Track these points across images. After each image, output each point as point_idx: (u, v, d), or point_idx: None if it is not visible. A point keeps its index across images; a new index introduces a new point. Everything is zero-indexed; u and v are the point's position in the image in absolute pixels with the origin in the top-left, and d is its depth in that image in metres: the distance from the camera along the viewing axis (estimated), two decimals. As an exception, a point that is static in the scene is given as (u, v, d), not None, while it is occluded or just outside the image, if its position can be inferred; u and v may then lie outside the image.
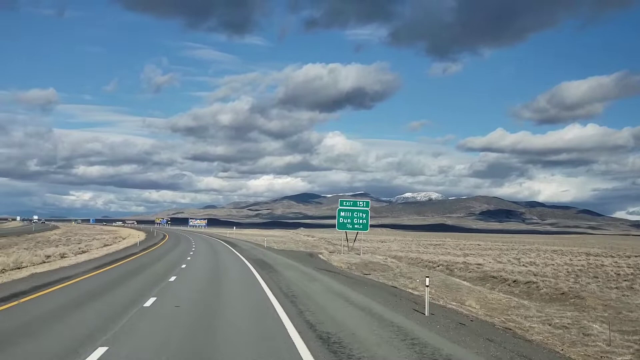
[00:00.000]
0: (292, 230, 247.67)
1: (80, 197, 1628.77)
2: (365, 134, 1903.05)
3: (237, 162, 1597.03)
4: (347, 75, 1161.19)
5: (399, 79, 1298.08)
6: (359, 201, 55.69)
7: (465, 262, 48.87)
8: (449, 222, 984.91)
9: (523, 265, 49.87)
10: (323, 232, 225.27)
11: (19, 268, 30.40)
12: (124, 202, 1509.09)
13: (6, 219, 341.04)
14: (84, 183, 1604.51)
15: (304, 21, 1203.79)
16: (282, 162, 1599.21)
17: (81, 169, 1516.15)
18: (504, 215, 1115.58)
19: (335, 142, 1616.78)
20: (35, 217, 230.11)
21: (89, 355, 10.97)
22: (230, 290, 23.29)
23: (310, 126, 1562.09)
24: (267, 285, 24.42)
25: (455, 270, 43.48)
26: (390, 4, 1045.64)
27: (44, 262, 35.37)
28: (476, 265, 45.23)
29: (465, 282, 33.38)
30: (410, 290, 26.21)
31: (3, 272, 27.51)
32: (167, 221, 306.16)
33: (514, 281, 34.82)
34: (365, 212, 54.43)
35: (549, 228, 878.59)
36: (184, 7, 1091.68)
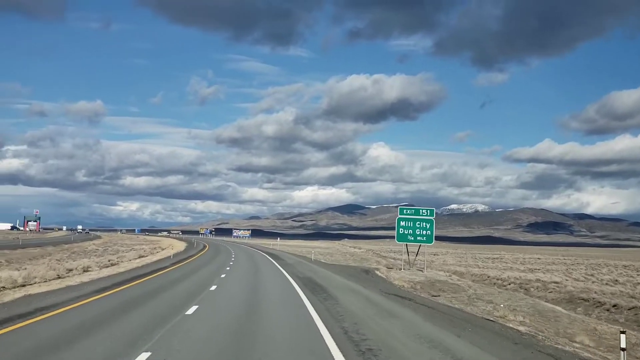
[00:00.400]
0: (337, 242, 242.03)
1: (127, 208, 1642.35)
2: (409, 145, 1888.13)
3: (282, 173, 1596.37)
4: (392, 86, 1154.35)
5: (444, 90, 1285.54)
6: (423, 209, 49.33)
7: (539, 280, 42.70)
8: (496, 234, 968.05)
9: (607, 283, 43.64)
10: (369, 244, 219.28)
11: (23, 285, 25.50)
12: (170, 213, 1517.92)
13: (52, 229, 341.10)
14: (131, 194, 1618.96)
15: (347, 32, 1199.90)
16: (327, 173, 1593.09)
17: (128, 180, 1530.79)
18: (552, 227, 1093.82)
19: (380, 153, 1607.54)
20: (80, 226, 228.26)
21: None
22: (269, 332, 15.62)
23: (355, 137, 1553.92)
24: (324, 324, 16.84)
25: (532, 289, 37.50)
26: (435, 14, 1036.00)
27: (59, 277, 30.40)
28: (554, 284, 39.06)
29: (558, 308, 27.37)
30: (502, 321, 20.34)
31: (-6, 292, 22.62)
32: (211, 232, 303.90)
33: (614, 306, 28.77)
34: (430, 222, 48.23)
35: (598, 241, 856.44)
36: (228, 20, 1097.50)
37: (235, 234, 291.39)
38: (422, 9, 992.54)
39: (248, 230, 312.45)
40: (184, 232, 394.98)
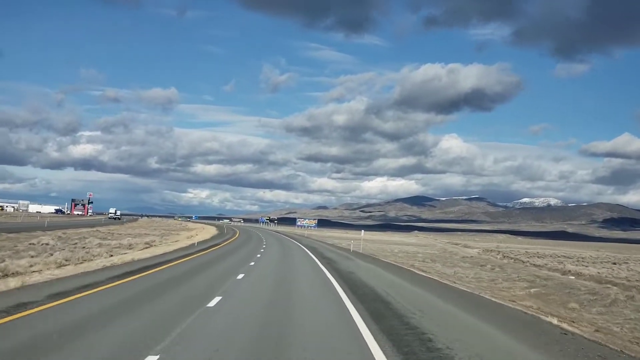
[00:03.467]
0: (421, 235, 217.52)
1: (197, 195, 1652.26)
2: (482, 137, 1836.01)
3: (351, 164, 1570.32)
4: (467, 76, 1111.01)
5: (521, 80, 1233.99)
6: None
7: None
8: (570, 229, 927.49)
9: None
10: (453, 237, 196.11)
11: None
12: (239, 201, 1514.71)
13: (104, 213, 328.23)
14: (201, 181, 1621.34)
15: (423, 20, 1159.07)
16: (396, 164, 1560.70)
17: (199, 168, 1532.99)
18: (629, 223, 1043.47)
19: (452, 144, 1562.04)
20: (112, 210, 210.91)
21: None
22: None
23: (426, 128, 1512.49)
24: None
25: None
26: (515, 1, 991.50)
27: None
28: None
29: None
30: None
31: None
32: (272, 220, 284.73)
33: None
34: None
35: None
36: (302, 6, 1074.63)
37: (299, 223, 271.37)
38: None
39: (314, 219, 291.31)
40: (246, 220, 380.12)
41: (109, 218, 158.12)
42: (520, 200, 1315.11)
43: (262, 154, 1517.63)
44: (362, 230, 60.46)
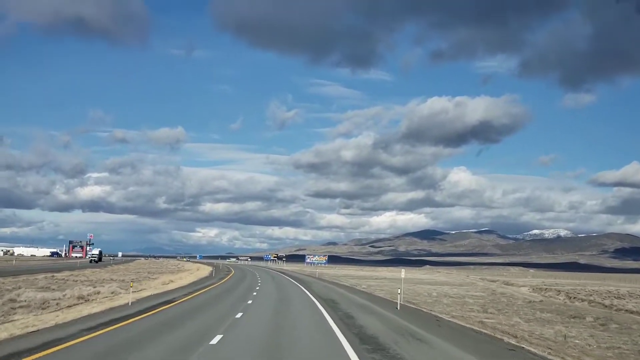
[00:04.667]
0: (442, 270, 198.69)
1: (206, 234, 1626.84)
2: (491, 169, 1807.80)
3: (360, 199, 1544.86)
4: (474, 109, 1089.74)
5: (529, 112, 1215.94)
6: None
7: None
8: (582, 260, 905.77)
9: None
10: (474, 271, 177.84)
11: None
12: (247, 239, 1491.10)
13: (108, 256, 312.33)
14: (209, 220, 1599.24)
15: (430, 53, 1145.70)
16: (405, 198, 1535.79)
17: (207, 206, 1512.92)
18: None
19: (460, 177, 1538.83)
20: (95, 250, 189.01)
21: None
22: None
23: (434, 161, 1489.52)
24: None
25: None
26: (521, 33, 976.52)
27: None
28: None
29: None
30: None
31: None
32: (280, 257, 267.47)
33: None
34: None
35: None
36: (307, 43, 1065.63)
37: (308, 260, 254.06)
38: (507, 29, 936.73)
39: (324, 256, 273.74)
40: (254, 258, 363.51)
41: (90, 261, 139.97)
42: (530, 232, 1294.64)
43: (271, 191, 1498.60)
44: (403, 270, 43.18)
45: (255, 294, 41.26)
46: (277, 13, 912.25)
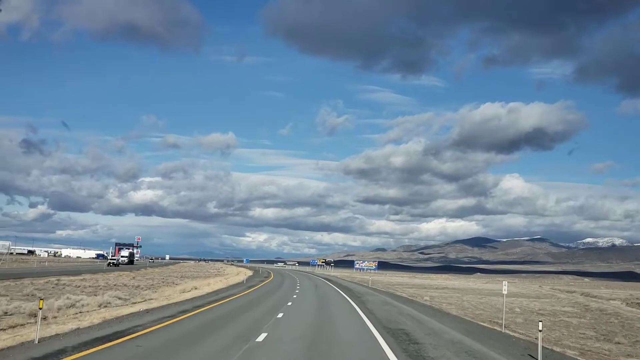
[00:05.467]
0: (502, 279, 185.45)
1: (255, 239, 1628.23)
2: (544, 177, 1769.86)
3: (409, 205, 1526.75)
4: (527, 115, 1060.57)
5: (584, 118, 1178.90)
6: None
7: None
8: (638, 270, 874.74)
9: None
10: (537, 280, 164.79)
11: None
12: (296, 244, 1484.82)
13: (157, 258, 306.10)
14: (259, 225, 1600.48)
15: (482, 59, 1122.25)
16: (455, 205, 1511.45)
17: (257, 211, 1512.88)
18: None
19: (513, 185, 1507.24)
20: (133, 251, 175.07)
21: None
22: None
23: (486, 168, 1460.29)
24: None
25: None
26: (577, 38, 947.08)
27: None
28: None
29: None
30: None
31: None
32: (328, 263, 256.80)
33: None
34: None
35: None
36: (358, 49, 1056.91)
37: (357, 265, 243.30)
38: (563, 33, 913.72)
39: (374, 262, 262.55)
40: (301, 263, 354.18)
41: (108, 264, 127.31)
42: (583, 241, 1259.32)
43: (320, 197, 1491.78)
44: (505, 283, 31.79)
45: (281, 315, 28.64)
46: (328, 19, 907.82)
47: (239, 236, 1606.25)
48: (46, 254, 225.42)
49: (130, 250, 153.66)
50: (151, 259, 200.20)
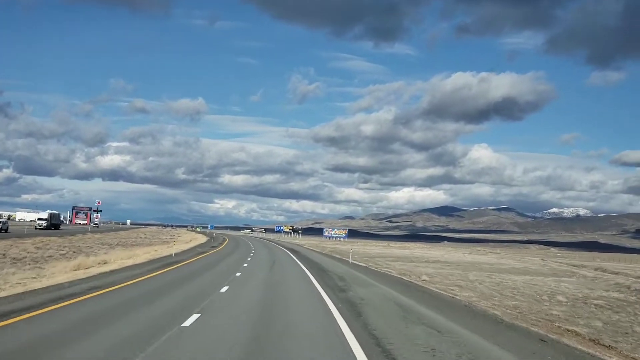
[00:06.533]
0: (488, 249, 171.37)
1: (224, 206, 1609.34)
2: (513, 147, 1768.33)
3: (379, 174, 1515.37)
4: (498, 85, 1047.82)
5: (554, 89, 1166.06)
6: None
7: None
8: (601, 240, 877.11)
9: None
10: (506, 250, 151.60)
11: None
12: (265, 212, 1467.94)
13: (121, 224, 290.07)
14: (228, 192, 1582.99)
15: (455, 28, 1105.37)
16: (424, 175, 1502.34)
17: (226, 178, 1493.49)
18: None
19: (481, 154, 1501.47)
20: (43, 214, 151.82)
21: None
22: None
23: (455, 138, 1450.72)
24: None
25: None
26: (549, 9, 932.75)
27: None
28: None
29: None
30: None
31: None
32: (295, 230, 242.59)
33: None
34: None
35: None
36: (332, 15, 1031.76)
37: (326, 233, 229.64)
38: (535, 4, 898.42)
39: (344, 229, 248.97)
40: (268, 230, 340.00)
41: (36, 227, 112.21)
42: (549, 211, 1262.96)
43: (289, 164, 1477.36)
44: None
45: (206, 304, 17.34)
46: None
47: (208, 203, 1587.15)
48: None
49: (53, 213, 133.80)
50: (95, 224, 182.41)
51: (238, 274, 32.08)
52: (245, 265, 41.41)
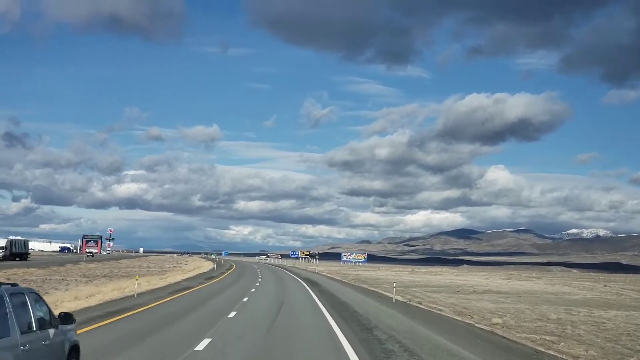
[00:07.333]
0: (514, 273, 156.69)
1: (240, 232, 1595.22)
2: (530, 168, 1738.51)
3: (394, 197, 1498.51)
4: (513, 106, 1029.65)
5: (569, 109, 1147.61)
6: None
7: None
8: (623, 260, 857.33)
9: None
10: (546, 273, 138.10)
11: None
12: (281, 237, 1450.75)
13: (131, 252, 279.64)
14: (243, 218, 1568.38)
15: (467, 49, 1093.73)
16: (440, 197, 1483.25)
17: (242, 204, 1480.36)
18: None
19: (498, 176, 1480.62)
20: (70, 245, 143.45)
21: None
22: None
23: (471, 159, 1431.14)
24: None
25: None
26: (563, 28, 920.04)
27: None
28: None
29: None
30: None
31: None
32: (312, 255, 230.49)
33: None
34: None
35: None
36: (342, 39, 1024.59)
37: (345, 258, 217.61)
38: (548, 23, 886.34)
39: (363, 254, 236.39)
40: (284, 256, 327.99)
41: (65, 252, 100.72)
42: (567, 232, 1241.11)
43: (304, 189, 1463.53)
44: None
45: None
46: (311, 8, 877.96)
47: (224, 229, 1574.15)
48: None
49: (16, 239, 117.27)
50: (90, 254, 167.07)
51: (204, 342, 18.24)
52: (231, 315, 26.99)
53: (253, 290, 47.13)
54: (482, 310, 34.36)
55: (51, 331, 10.58)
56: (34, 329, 9.96)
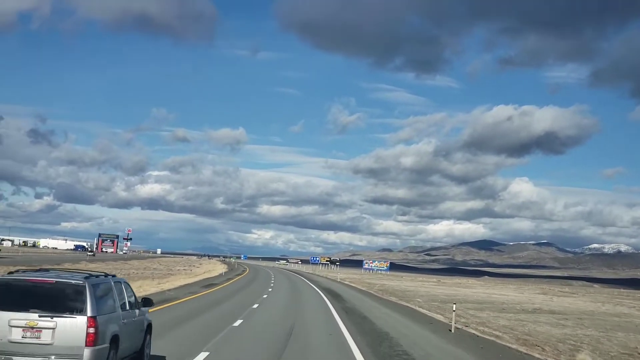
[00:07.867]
0: (547, 287, 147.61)
1: (261, 236, 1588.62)
2: (554, 181, 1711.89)
3: (417, 206, 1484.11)
4: (540, 118, 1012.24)
5: (597, 123, 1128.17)
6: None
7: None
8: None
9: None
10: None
11: None
12: (303, 243, 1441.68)
13: (148, 252, 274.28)
14: (265, 222, 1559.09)
15: (498, 60, 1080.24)
16: (463, 208, 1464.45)
17: (264, 208, 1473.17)
18: None
19: (522, 188, 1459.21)
20: (86, 243, 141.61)
21: None
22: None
23: (496, 171, 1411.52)
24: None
25: None
26: (594, 42, 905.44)
27: None
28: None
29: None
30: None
31: None
32: (333, 262, 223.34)
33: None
34: None
35: None
36: (373, 46, 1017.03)
37: (366, 265, 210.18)
38: (579, 36, 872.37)
39: (385, 262, 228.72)
40: (304, 261, 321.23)
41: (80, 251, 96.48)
42: (589, 246, 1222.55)
43: (328, 195, 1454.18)
44: None
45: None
46: (342, 14, 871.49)
47: (246, 233, 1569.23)
48: (9, 243, 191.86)
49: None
50: (91, 252, 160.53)
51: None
52: (211, 343, 19.76)
53: (256, 305, 38.03)
54: (549, 338, 26.98)
55: (136, 311, 14.40)
56: (127, 308, 13.81)
